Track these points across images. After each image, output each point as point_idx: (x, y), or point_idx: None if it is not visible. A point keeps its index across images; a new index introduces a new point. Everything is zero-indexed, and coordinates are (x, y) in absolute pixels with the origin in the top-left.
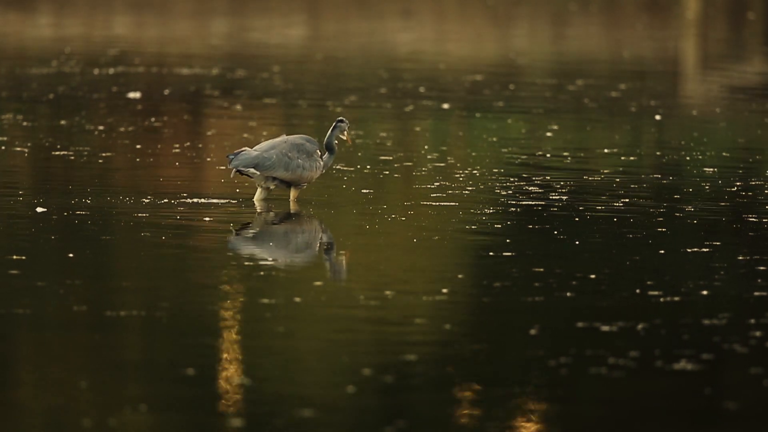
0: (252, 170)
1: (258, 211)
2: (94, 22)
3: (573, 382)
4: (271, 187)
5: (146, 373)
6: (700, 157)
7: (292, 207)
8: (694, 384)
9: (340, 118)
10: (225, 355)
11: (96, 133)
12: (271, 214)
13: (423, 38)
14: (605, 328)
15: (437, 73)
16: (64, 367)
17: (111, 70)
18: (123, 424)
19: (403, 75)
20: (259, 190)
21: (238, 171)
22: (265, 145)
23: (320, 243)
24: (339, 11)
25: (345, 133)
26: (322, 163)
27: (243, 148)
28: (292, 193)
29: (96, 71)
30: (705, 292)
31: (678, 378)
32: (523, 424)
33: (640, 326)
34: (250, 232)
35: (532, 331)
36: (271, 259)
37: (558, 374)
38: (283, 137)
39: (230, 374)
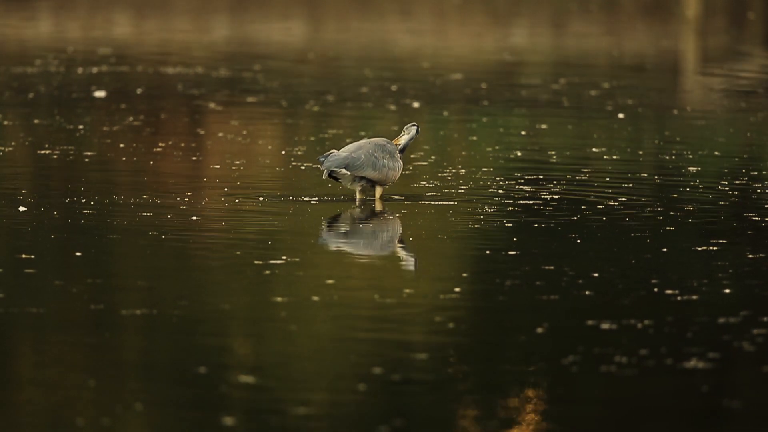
0: (343, 171)
1: (359, 206)
2: (92, 22)
3: (578, 381)
4: (358, 188)
5: (152, 372)
6: (699, 156)
7: (378, 205)
8: (701, 383)
9: (414, 123)
10: (228, 355)
11: (78, 133)
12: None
13: (420, 38)
14: (612, 326)
15: (426, 73)
16: (70, 367)
17: (95, 69)
18: (123, 424)
19: (393, 75)
20: (358, 193)
21: (330, 173)
22: (351, 146)
23: (340, 240)
24: (339, 11)
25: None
26: (401, 164)
27: (331, 150)
28: (378, 192)
29: (80, 70)
30: (711, 291)
31: (685, 377)
32: (526, 423)
33: (646, 325)
34: (264, 230)
35: (539, 330)
36: (280, 257)
37: (564, 373)
38: (365, 140)
39: (232, 374)
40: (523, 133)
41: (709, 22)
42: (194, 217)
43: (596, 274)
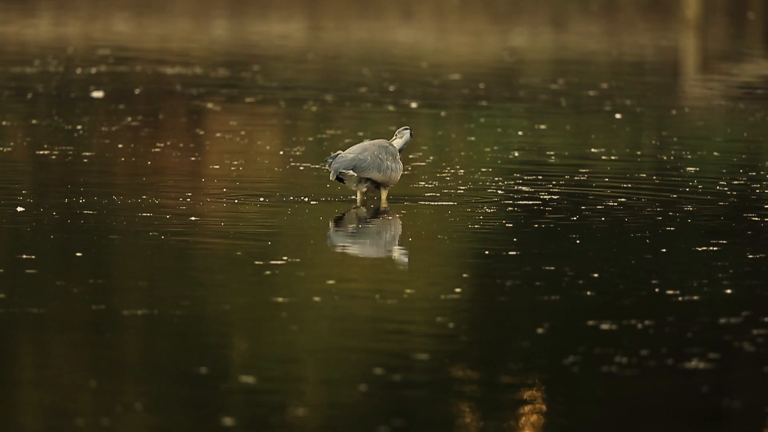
0: (350, 172)
1: (359, 207)
2: (92, 22)
3: (578, 381)
4: (363, 189)
5: (152, 372)
6: (697, 156)
7: (384, 206)
8: (702, 383)
9: (407, 127)
10: (228, 355)
11: (76, 133)
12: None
13: (420, 38)
14: (612, 327)
15: (425, 73)
16: (70, 367)
17: (94, 69)
18: (123, 424)
19: (391, 75)
20: (359, 194)
21: (338, 174)
22: (356, 148)
23: (336, 240)
24: (339, 11)
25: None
26: (402, 165)
27: (337, 152)
28: (383, 194)
29: (79, 70)
30: (711, 291)
31: (685, 377)
32: (527, 423)
33: (646, 325)
34: (263, 230)
35: (539, 330)
36: (280, 257)
37: (564, 374)
38: (368, 141)
39: (232, 374)
40: (520, 133)
41: (709, 22)
42: (193, 218)
43: (596, 275)
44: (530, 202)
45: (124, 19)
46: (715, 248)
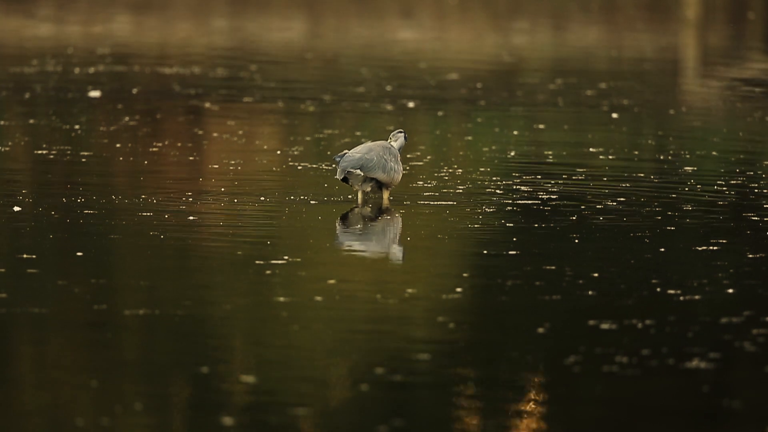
0: (357, 171)
1: (360, 207)
2: (91, 22)
3: (579, 381)
4: (367, 189)
5: (152, 372)
6: (696, 156)
7: (385, 204)
8: (702, 383)
9: (401, 130)
10: (229, 355)
11: (74, 133)
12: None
13: (420, 38)
14: (612, 326)
15: (423, 73)
16: (71, 367)
17: (92, 69)
18: (124, 424)
19: (390, 75)
20: (360, 194)
21: (345, 173)
22: (361, 148)
23: (337, 239)
24: (339, 11)
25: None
26: (402, 166)
27: (344, 151)
28: (385, 194)
29: (77, 70)
30: (711, 291)
31: (686, 377)
32: (526, 423)
33: (647, 325)
34: (263, 230)
35: (540, 330)
36: (281, 257)
37: (564, 373)
38: (371, 142)
39: (233, 374)
40: (515, 132)
41: (709, 21)
42: (192, 217)
43: (596, 274)
44: (529, 202)
45: (123, 19)
46: (715, 248)
